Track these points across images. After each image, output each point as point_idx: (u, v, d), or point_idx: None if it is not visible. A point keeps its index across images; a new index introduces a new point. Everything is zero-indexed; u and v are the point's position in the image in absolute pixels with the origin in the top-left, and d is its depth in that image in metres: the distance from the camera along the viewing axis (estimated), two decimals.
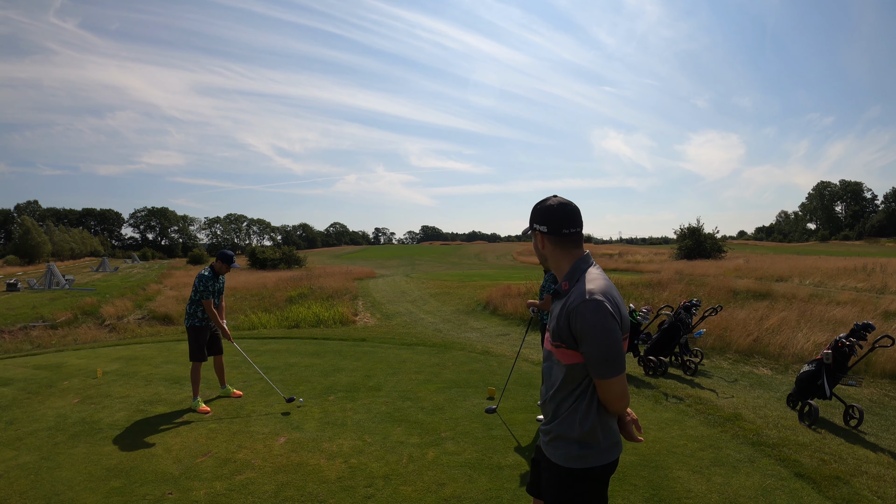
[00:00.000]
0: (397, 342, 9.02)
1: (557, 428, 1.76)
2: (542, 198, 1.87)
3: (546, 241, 1.82)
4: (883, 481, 3.56)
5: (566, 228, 1.78)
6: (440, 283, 21.39)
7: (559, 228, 1.78)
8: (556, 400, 1.76)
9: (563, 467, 1.74)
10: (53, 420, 4.86)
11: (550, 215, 1.79)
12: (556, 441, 1.77)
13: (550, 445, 1.79)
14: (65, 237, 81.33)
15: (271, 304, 17.80)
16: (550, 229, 1.79)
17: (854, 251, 47.60)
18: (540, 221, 1.82)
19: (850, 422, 4.92)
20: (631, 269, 28.31)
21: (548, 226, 1.80)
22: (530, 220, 1.87)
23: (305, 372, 6.66)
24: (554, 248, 1.81)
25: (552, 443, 1.78)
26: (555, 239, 1.80)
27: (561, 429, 1.75)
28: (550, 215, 1.79)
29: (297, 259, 41.63)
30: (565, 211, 1.78)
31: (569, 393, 1.73)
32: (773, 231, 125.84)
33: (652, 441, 4.22)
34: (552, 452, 1.78)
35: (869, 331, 5.11)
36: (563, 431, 1.74)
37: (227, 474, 3.67)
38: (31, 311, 18.88)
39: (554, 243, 1.80)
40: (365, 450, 4.07)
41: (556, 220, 1.78)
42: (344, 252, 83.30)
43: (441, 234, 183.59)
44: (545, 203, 1.83)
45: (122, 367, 7.14)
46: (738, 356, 8.04)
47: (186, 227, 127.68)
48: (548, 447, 1.80)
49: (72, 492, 3.43)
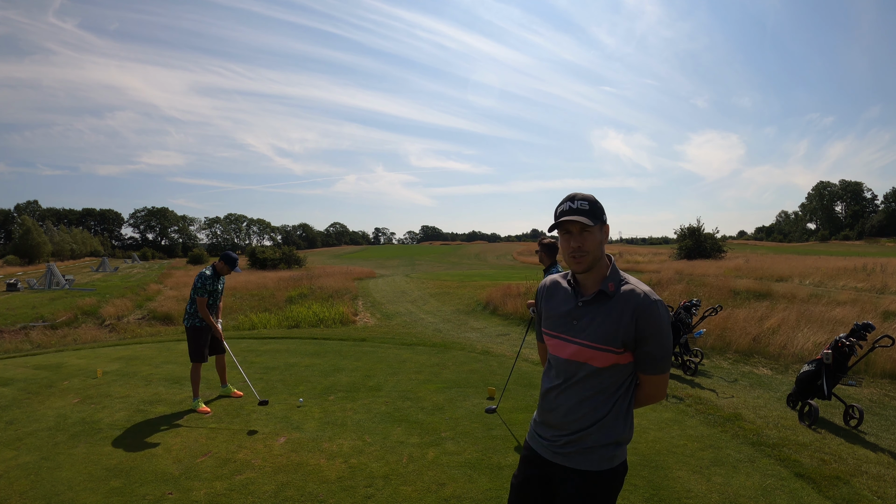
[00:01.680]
0: (397, 342, 9.02)
1: (597, 435, 1.66)
2: (581, 193, 1.71)
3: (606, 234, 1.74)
4: (883, 481, 3.56)
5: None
6: (440, 283, 21.39)
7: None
8: (588, 406, 1.67)
9: (601, 471, 1.67)
10: (53, 420, 4.86)
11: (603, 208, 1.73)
12: (593, 449, 1.67)
13: (580, 456, 1.68)
14: (65, 237, 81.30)
15: (271, 303, 17.80)
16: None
17: (854, 251, 47.60)
18: (604, 215, 1.72)
19: (850, 422, 4.92)
20: (631, 269, 28.29)
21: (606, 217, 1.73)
22: (601, 214, 1.70)
23: (305, 372, 6.66)
24: (603, 243, 1.72)
25: (585, 453, 1.68)
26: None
27: (601, 435, 1.66)
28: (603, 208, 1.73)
29: (297, 259, 41.62)
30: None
31: (609, 395, 1.67)
32: (773, 231, 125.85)
33: (652, 441, 4.22)
34: (582, 461, 1.68)
35: (869, 331, 5.11)
36: (605, 437, 1.66)
37: (227, 474, 3.66)
38: (31, 311, 18.88)
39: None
40: (365, 450, 4.07)
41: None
42: (344, 252, 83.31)
43: (441, 234, 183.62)
44: (594, 196, 1.73)
45: (122, 367, 7.14)
46: (738, 356, 8.04)
47: (186, 228, 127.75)
48: (576, 458, 1.69)
49: (72, 492, 3.43)
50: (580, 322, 1.69)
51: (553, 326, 1.78)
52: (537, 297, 1.95)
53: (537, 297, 1.95)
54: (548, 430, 1.76)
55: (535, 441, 1.83)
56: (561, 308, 1.77)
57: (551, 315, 1.80)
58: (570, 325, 1.71)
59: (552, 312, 1.81)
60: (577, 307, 1.72)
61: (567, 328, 1.72)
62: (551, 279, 1.90)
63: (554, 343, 1.77)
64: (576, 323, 1.70)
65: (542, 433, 1.78)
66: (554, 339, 1.77)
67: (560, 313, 1.76)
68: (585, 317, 1.68)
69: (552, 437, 1.74)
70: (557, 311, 1.78)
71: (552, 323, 1.79)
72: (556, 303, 1.81)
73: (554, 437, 1.73)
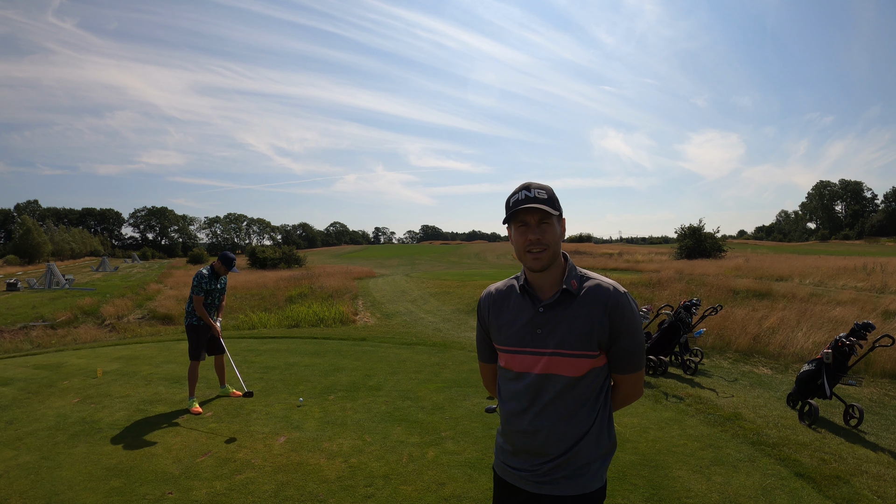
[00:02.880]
0: (397, 341, 9.02)
1: (585, 451, 1.49)
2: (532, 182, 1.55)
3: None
4: (883, 481, 3.56)
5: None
6: (440, 282, 21.38)
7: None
8: (571, 423, 1.49)
9: (593, 492, 1.50)
10: (53, 420, 4.86)
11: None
12: (582, 468, 1.49)
13: (569, 480, 1.49)
14: (65, 237, 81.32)
15: (271, 303, 17.80)
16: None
17: (854, 251, 47.60)
18: (561, 208, 1.55)
19: (850, 421, 4.92)
20: (631, 269, 28.28)
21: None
22: (559, 205, 1.53)
23: (305, 371, 6.66)
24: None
25: (574, 475, 1.49)
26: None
27: (589, 450, 1.50)
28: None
29: (297, 258, 41.61)
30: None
31: (591, 405, 1.51)
32: (773, 230, 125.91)
33: (652, 440, 4.22)
34: (572, 485, 1.49)
35: (869, 330, 5.10)
36: (593, 452, 1.50)
37: (227, 474, 3.66)
38: (31, 311, 18.88)
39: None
40: (365, 449, 4.07)
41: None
42: (344, 251, 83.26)
43: (441, 234, 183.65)
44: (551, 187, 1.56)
45: (122, 366, 7.14)
46: (738, 355, 8.04)
47: (186, 227, 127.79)
48: (563, 483, 1.49)
49: (72, 491, 3.43)
50: (545, 330, 1.49)
51: (511, 341, 1.55)
52: (481, 311, 1.67)
53: (481, 311, 1.67)
54: (527, 460, 1.53)
55: (509, 475, 1.59)
56: (517, 318, 1.55)
57: (506, 328, 1.57)
58: (534, 335, 1.50)
59: (506, 325, 1.57)
60: (539, 314, 1.51)
61: (530, 340, 1.51)
62: (495, 287, 1.67)
63: (517, 360, 1.54)
64: (540, 332, 1.50)
65: (520, 465, 1.55)
66: (516, 356, 1.54)
67: (518, 325, 1.54)
68: (550, 322, 1.49)
69: (532, 467, 1.52)
70: (514, 323, 1.55)
71: (509, 337, 1.55)
72: (508, 314, 1.58)
73: (535, 465, 1.52)
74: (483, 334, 1.70)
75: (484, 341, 1.71)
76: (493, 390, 1.78)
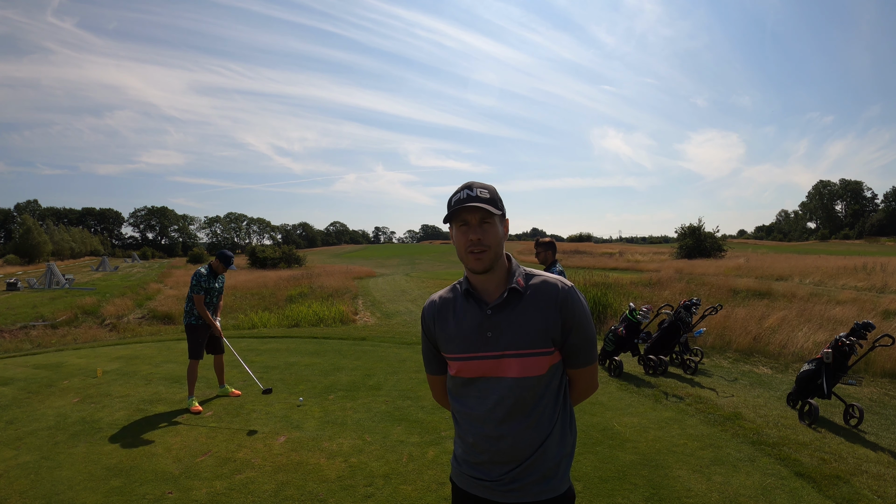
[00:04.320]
0: (397, 341, 9.02)
1: (552, 451, 1.46)
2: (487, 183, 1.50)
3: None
4: (883, 480, 3.56)
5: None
6: (440, 281, 21.38)
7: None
8: (536, 426, 1.44)
9: (560, 495, 1.47)
10: (53, 419, 4.86)
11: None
12: (550, 469, 1.46)
13: (538, 485, 1.45)
14: (65, 237, 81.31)
15: (271, 303, 17.79)
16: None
17: (854, 250, 47.60)
18: (504, 208, 1.52)
19: (850, 421, 4.92)
20: (631, 268, 28.30)
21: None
22: (502, 205, 1.50)
23: (305, 371, 6.66)
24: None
25: (542, 480, 1.45)
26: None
27: (556, 450, 1.47)
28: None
29: (296, 258, 41.65)
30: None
31: (553, 404, 1.48)
32: (774, 230, 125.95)
33: (652, 440, 4.22)
34: (542, 489, 1.45)
35: (869, 330, 5.10)
36: (560, 451, 1.47)
37: (227, 473, 3.66)
38: (31, 311, 18.87)
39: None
40: (365, 449, 4.07)
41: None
42: (344, 251, 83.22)
43: (441, 233, 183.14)
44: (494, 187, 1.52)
45: (122, 366, 7.14)
46: (737, 355, 8.03)
47: (186, 227, 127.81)
48: (533, 488, 1.45)
49: (72, 491, 3.43)
50: (495, 332, 1.44)
51: (461, 348, 1.48)
52: (425, 322, 1.60)
53: (425, 322, 1.60)
54: (492, 469, 1.47)
55: (472, 486, 1.51)
56: (464, 324, 1.48)
57: (454, 336, 1.50)
58: (484, 339, 1.44)
59: (454, 333, 1.50)
60: (487, 316, 1.45)
61: (482, 344, 1.45)
62: (437, 295, 1.60)
63: (470, 367, 1.47)
64: (490, 335, 1.44)
65: (483, 475, 1.48)
66: (469, 363, 1.47)
67: (466, 331, 1.47)
68: (501, 324, 1.44)
69: (499, 476, 1.45)
70: (461, 330, 1.48)
71: (458, 345, 1.48)
72: (454, 321, 1.51)
73: (501, 474, 1.45)
74: (429, 345, 1.62)
75: (431, 352, 1.63)
76: (444, 403, 1.71)
